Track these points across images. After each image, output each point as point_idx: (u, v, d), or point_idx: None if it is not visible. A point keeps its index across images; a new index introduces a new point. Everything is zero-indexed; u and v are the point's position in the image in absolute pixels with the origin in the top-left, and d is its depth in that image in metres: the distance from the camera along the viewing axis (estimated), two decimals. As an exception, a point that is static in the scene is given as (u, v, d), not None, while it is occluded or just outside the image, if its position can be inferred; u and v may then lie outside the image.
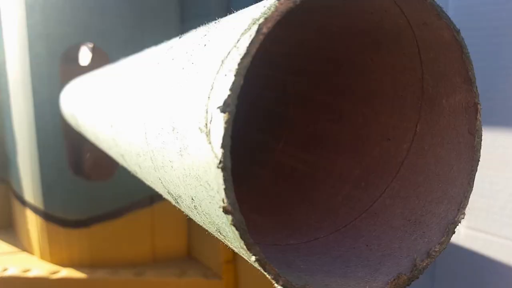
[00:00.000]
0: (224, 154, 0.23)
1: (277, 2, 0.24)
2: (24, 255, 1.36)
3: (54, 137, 1.20)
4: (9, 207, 1.57)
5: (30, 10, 1.15)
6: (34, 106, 1.20)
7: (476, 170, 0.34)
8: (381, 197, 0.38)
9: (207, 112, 0.25)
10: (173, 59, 0.35)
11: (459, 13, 0.77)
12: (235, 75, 0.23)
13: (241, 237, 0.24)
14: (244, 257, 0.27)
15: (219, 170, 0.23)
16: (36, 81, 1.18)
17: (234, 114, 0.23)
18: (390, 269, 0.32)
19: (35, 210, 1.29)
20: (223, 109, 0.23)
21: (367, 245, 0.35)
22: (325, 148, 0.50)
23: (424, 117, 0.37)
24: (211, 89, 0.25)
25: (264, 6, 0.25)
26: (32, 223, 1.32)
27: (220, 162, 0.23)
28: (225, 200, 0.23)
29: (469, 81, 0.34)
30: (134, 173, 0.50)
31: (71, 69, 1.19)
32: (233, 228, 0.24)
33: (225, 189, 0.23)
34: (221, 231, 0.28)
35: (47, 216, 1.27)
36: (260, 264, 0.25)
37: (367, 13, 0.35)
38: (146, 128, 0.36)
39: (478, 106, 0.34)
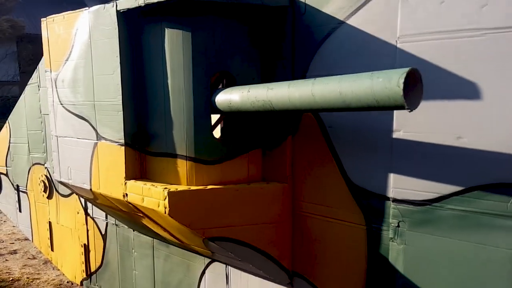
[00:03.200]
0: (405, 85, 1.55)
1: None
2: (175, 185, 2.45)
3: (205, 119, 2.37)
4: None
5: (195, 50, 2.31)
6: (194, 102, 2.34)
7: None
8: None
9: (391, 81, 1.58)
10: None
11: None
12: (405, 78, 1.57)
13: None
14: (390, 92, 1.59)
15: (402, 78, 1.54)
16: (196, 88, 2.34)
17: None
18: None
19: (186, 157, 2.42)
20: (407, 78, 1.56)
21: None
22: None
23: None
24: (383, 78, 1.58)
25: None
26: (182, 166, 2.43)
27: (401, 84, 1.55)
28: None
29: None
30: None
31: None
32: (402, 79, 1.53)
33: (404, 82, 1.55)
34: (378, 91, 1.59)
35: (195, 159, 2.40)
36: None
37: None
38: (343, 89, 1.69)
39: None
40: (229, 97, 2.25)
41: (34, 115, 4.53)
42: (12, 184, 5.31)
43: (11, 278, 4.95)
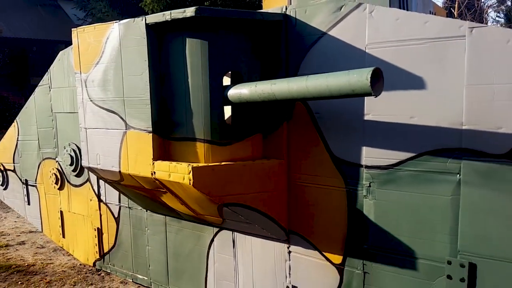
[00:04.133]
0: (371, 79, 2.23)
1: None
2: (196, 163, 3.07)
3: (219, 109, 3.00)
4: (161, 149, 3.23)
5: (211, 56, 2.95)
6: (210, 96, 2.98)
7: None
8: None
9: (362, 76, 2.26)
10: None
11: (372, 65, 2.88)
12: (371, 74, 2.25)
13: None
14: (361, 83, 2.27)
15: (369, 74, 2.22)
16: (211, 85, 2.98)
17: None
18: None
19: (203, 140, 3.05)
20: (373, 74, 2.25)
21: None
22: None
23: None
24: (356, 75, 2.26)
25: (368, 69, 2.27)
26: (200, 147, 3.06)
27: (369, 78, 2.24)
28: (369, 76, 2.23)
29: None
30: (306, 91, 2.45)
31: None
32: (369, 75, 2.21)
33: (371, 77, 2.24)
34: (353, 83, 2.26)
35: (211, 142, 3.04)
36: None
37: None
38: (329, 83, 2.37)
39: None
40: (239, 91, 2.90)
41: (45, 113, 5.06)
42: (20, 179, 5.78)
43: (26, 264, 5.44)
